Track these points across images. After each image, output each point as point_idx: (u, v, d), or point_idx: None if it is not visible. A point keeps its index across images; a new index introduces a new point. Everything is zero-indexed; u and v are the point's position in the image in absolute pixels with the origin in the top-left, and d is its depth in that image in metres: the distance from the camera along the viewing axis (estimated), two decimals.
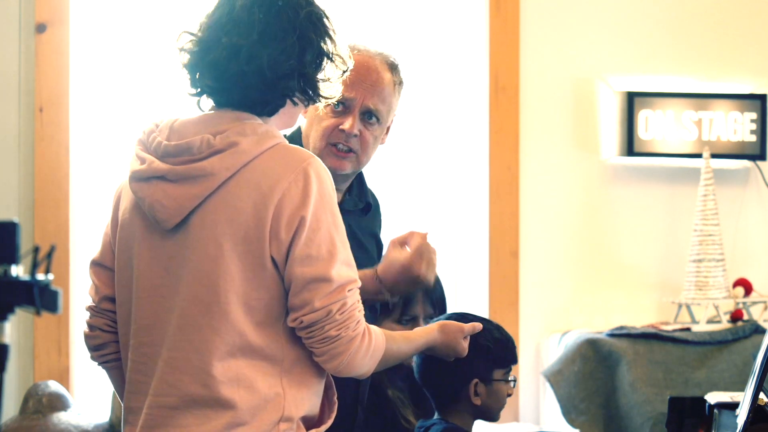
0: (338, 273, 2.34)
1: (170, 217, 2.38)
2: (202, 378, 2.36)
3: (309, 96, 2.45)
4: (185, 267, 2.37)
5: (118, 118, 4.42)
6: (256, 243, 2.33)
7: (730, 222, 4.70)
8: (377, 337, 2.43)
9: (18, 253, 1.86)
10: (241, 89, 2.40)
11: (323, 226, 2.34)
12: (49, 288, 1.86)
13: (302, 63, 2.41)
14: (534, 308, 4.60)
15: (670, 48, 4.71)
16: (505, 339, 3.20)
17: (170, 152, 2.38)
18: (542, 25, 4.62)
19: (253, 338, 2.36)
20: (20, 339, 4.22)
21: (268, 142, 2.37)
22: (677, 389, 4.20)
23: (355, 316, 2.37)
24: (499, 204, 4.57)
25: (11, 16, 4.28)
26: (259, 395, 2.36)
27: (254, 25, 2.39)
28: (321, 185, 2.35)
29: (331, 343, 2.35)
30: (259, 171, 2.35)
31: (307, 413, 2.43)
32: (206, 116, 2.43)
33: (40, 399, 3.85)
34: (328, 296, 2.34)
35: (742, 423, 2.74)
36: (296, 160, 2.36)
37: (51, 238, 4.21)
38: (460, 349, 2.80)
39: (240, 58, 2.38)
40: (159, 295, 2.41)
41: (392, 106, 2.99)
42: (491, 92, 4.56)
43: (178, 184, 2.37)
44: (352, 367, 2.39)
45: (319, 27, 2.44)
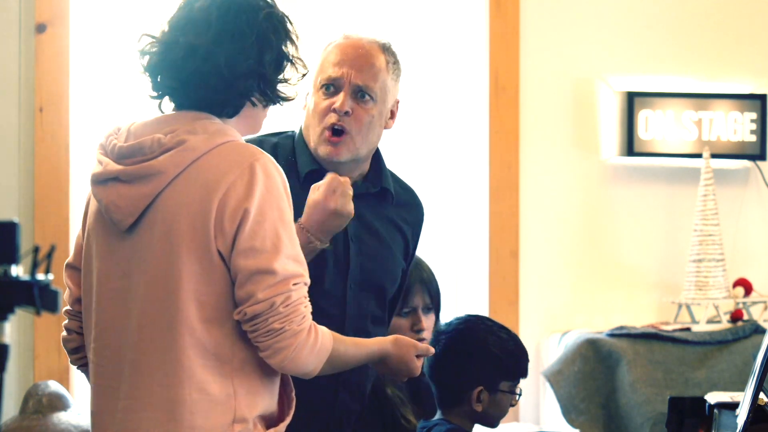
0: (283, 266, 2.33)
1: (124, 218, 2.39)
2: (159, 379, 2.36)
3: (268, 97, 2.46)
4: (141, 267, 2.39)
5: (118, 118, 4.41)
6: (203, 238, 2.34)
7: (730, 222, 4.70)
8: (324, 335, 2.40)
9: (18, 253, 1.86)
10: (198, 89, 2.42)
11: (268, 219, 2.33)
12: (49, 288, 1.86)
13: (261, 63, 2.42)
14: (534, 308, 4.60)
15: (670, 48, 4.71)
16: (519, 352, 3.20)
17: (124, 153, 2.41)
18: (542, 25, 4.62)
19: (204, 336, 2.35)
20: (20, 339, 4.22)
21: (219, 139, 2.38)
22: (677, 389, 4.20)
23: (300, 310, 2.34)
24: (499, 204, 4.57)
25: (11, 16, 4.27)
26: (210, 397, 2.35)
27: (211, 25, 2.41)
28: (268, 180, 2.35)
29: (275, 337, 2.33)
30: (207, 167, 2.36)
31: (262, 412, 2.42)
32: (162, 117, 2.46)
33: (40, 399, 3.85)
34: (272, 288, 2.32)
35: (742, 423, 2.74)
36: (244, 156, 2.37)
37: (51, 238, 4.20)
38: (413, 367, 2.70)
39: (197, 58, 2.40)
40: (119, 298, 2.42)
41: (387, 85, 2.95)
42: (491, 92, 4.56)
43: (130, 185, 2.39)
44: (297, 364, 2.36)
45: (279, 29, 2.45)
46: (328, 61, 2.95)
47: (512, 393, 3.17)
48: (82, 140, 4.36)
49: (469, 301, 4.59)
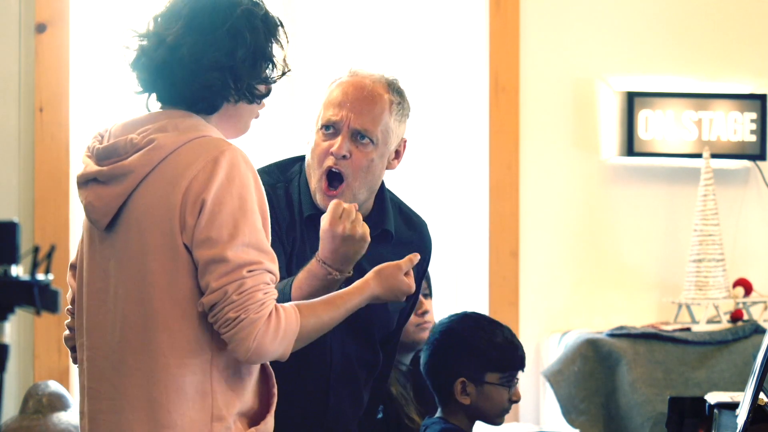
0: (236, 254, 2.30)
1: (100, 218, 2.41)
2: (138, 379, 2.37)
3: (242, 94, 2.44)
4: (119, 267, 2.40)
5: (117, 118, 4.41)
6: (171, 233, 2.34)
7: (730, 222, 4.70)
8: (288, 316, 2.36)
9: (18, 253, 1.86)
10: (167, 81, 2.43)
11: (225, 209, 2.31)
12: (49, 288, 1.86)
13: (232, 58, 2.40)
14: (534, 308, 4.60)
15: (670, 48, 4.71)
16: (507, 344, 3.18)
17: (101, 155, 2.43)
18: (542, 25, 4.62)
19: (180, 334, 2.35)
20: (20, 339, 4.22)
21: (188, 135, 2.38)
22: (677, 389, 4.19)
23: (256, 297, 2.31)
24: (499, 204, 4.57)
25: (11, 16, 4.27)
26: (187, 395, 2.35)
27: (181, 16, 2.42)
28: (231, 170, 2.33)
29: (233, 326, 2.30)
30: (174, 163, 2.36)
31: (242, 410, 2.41)
32: (139, 117, 2.47)
33: (40, 399, 3.85)
34: (225, 277, 2.30)
35: (742, 423, 2.74)
36: (210, 149, 2.36)
37: (51, 238, 4.21)
38: (405, 287, 2.65)
39: (164, 48, 2.41)
40: (100, 299, 2.43)
41: (390, 127, 2.89)
42: (491, 92, 4.56)
43: (106, 185, 2.40)
44: (262, 353, 2.33)
45: (258, 26, 2.44)
46: (330, 100, 2.90)
47: (504, 386, 3.15)
48: (82, 140, 4.35)
49: (469, 301, 4.59)
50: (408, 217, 3.09)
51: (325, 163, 2.87)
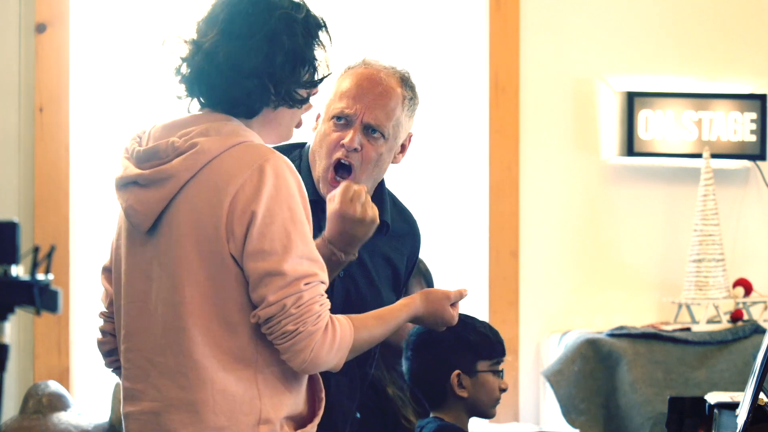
0: (293, 267, 2.30)
1: (142, 222, 2.39)
2: (181, 381, 2.36)
3: (283, 99, 2.43)
4: (159, 270, 2.39)
5: (118, 118, 4.42)
6: (216, 242, 2.33)
7: (730, 222, 4.70)
8: (343, 329, 2.38)
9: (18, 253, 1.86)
10: (205, 87, 2.41)
11: (277, 220, 2.31)
12: (49, 288, 1.86)
13: (270, 64, 2.39)
14: (534, 308, 4.60)
15: (670, 48, 4.71)
16: (487, 330, 3.21)
17: (142, 157, 2.40)
18: (542, 25, 4.62)
19: (224, 340, 2.35)
20: (20, 339, 4.22)
21: (231, 140, 2.36)
22: (677, 389, 4.20)
23: (313, 310, 2.32)
24: (499, 204, 4.57)
25: (11, 16, 4.27)
26: (234, 398, 2.35)
27: (217, 23, 2.40)
28: (278, 180, 2.32)
29: (291, 339, 2.31)
30: (217, 170, 2.34)
31: (289, 413, 2.41)
32: (179, 120, 2.44)
33: (40, 399, 3.85)
34: (282, 290, 2.30)
35: (742, 423, 2.74)
36: (254, 157, 2.34)
37: (51, 238, 4.20)
38: (448, 317, 2.69)
39: (200, 55, 2.39)
40: (141, 301, 2.42)
41: (401, 123, 2.90)
42: (491, 92, 4.56)
43: (147, 189, 2.38)
44: (318, 363, 2.35)
45: (297, 30, 2.41)
46: (343, 91, 2.89)
47: (494, 373, 3.16)
48: (82, 140, 4.36)
49: (469, 301, 4.59)
50: (401, 210, 3.11)
51: (335, 155, 2.86)
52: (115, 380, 3.74)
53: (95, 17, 4.38)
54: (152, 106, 4.42)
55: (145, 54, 4.42)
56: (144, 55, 4.42)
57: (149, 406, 2.40)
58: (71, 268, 4.24)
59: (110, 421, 3.86)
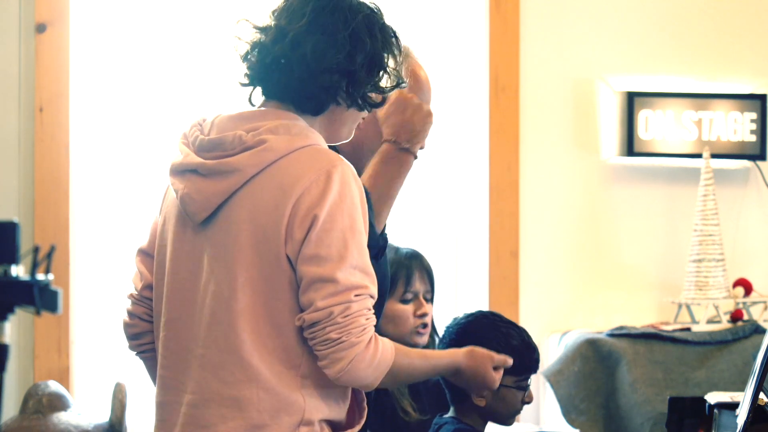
0: (345, 276, 2.30)
1: (198, 211, 2.37)
2: (224, 376, 2.35)
3: (354, 98, 2.42)
4: (210, 262, 2.37)
5: (118, 118, 4.42)
6: (275, 242, 2.32)
7: (730, 222, 4.70)
8: (385, 348, 2.36)
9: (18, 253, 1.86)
10: (283, 76, 2.39)
11: (336, 227, 2.30)
12: (49, 288, 1.86)
13: (351, 62, 2.39)
14: (534, 308, 4.60)
15: (670, 48, 4.71)
16: (524, 347, 3.17)
17: (205, 147, 2.38)
18: (542, 25, 4.62)
19: (270, 340, 2.34)
20: (20, 339, 4.22)
21: (300, 142, 2.35)
22: (677, 389, 4.20)
23: (359, 322, 2.31)
24: (499, 204, 4.57)
25: (11, 16, 4.27)
26: (279, 397, 2.34)
27: (305, 14, 2.39)
28: (344, 188, 2.32)
29: (332, 347, 2.30)
30: (285, 170, 2.33)
31: (330, 418, 2.40)
32: (247, 112, 2.42)
33: (40, 399, 3.85)
34: (332, 297, 2.29)
35: (742, 423, 2.74)
36: (323, 161, 2.34)
37: (51, 238, 4.20)
38: (489, 379, 2.67)
39: (285, 42, 2.38)
40: (186, 290, 2.41)
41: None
42: (491, 92, 4.56)
43: (208, 179, 2.36)
44: (354, 376, 2.33)
45: (377, 35, 2.44)
46: None
47: (518, 388, 3.15)
48: (82, 140, 4.36)
49: (469, 301, 4.59)
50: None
51: None
52: (115, 380, 3.74)
53: (95, 17, 4.38)
54: (152, 106, 4.42)
55: (146, 53, 4.42)
56: (144, 54, 4.42)
57: (187, 398, 2.39)
58: (71, 268, 4.23)
59: (110, 421, 3.86)
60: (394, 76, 2.47)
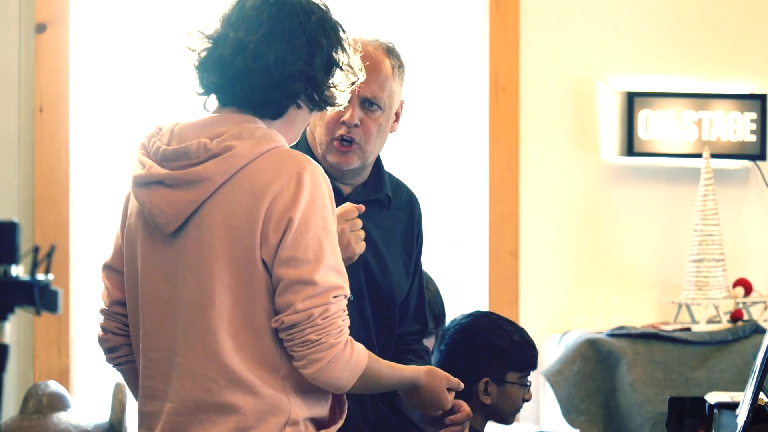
0: (323, 278, 2.32)
1: (169, 222, 2.37)
2: (205, 384, 2.36)
3: (315, 101, 2.44)
4: (185, 272, 2.37)
5: (118, 118, 4.42)
6: (250, 247, 2.33)
7: (730, 222, 4.70)
8: (360, 351, 2.39)
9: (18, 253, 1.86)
10: (245, 87, 2.39)
11: (312, 229, 2.32)
12: (49, 288, 1.86)
13: (311, 66, 2.40)
14: (534, 308, 4.60)
15: (670, 48, 4.71)
16: (525, 343, 3.19)
17: (168, 157, 2.38)
18: (542, 25, 4.62)
19: (250, 343, 2.35)
20: (20, 339, 4.22)
21: (265, 145, 2.36)
22: (677, 389, 4.20)
23: (337, 323, 2.33)
24: (499, 204, 4.57)
25: (11, 16, 4.27)
26: (264, 400, 2.35)
27: (262, 23, 2.39)
28: (314, 189, 2.33)
29: (311, 348, 2.32)
30: (254, 175, 2.34)
31: (314, 416, 2.42)
32: (206, 119, 2.42)
33: (40, 399, 3.85)
34: (311, 299, 2.31)
35: (742, 423, 2.74)
36: (291, 164, 2.35)
37: (51, 238, 4.20)
38: (444, 399, 2.69)
39: (246, 54, 2.37)
40: (162, 300, 2.41)
41: (394, 92, 2.94)
42: (491, 92, 4.56)
43: (175, 189, 2.36)
44: (330, 376, 2.35)
45: (331, 34, 2.44)
46: None
47: (522, 385, 3.16)
48: (82, 140, 4.36)
49: (469, 301, 4.59)
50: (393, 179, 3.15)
51: (337, 132, 2.90)
52: (115, 380, 3.74)
53: (95, 17, 4.38)
54: (152, 105, 4.42)
55: (146, 54, 4.42)
56: (144, 54, 4.42)
57: (170, 407, 2.40)
58: (71, 268, 4.23)
59: (110, 421, 3.86)
60: (348, 71, 2.48)
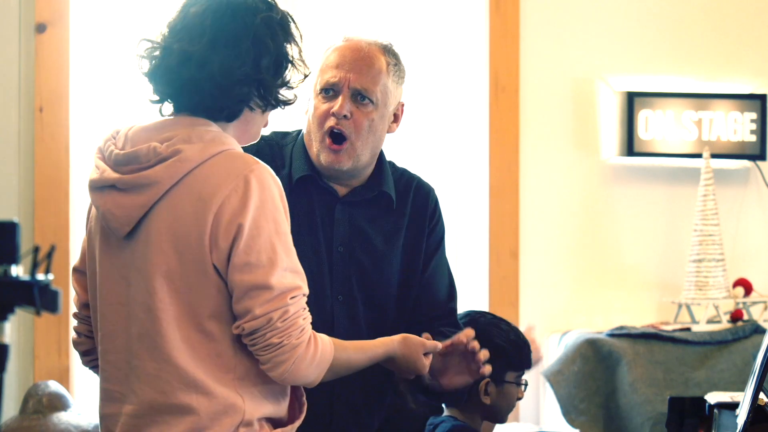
0: (279, 280, 2.31)
1: (121, 226, 2.38)
2: (160, 385, 2.36)
3: (267, 102, 2.43)
4: (137, 275, 2.38)
5: (118, 118, 4.41)
6: (198, 251, 2.32)
7: (730, 222, 4.70)
8: (324, 345, 2.40)
9: (18, 253, 1.86)
10: (194, 95, 2.40)
11: (263, 233, 2.31)
12: (49, 288, 1.86)
13: (258, 69, 2.39)
14: (534, 308, 4.60)
15: (670, 48, 4.71)
16: (522, 342, 3.20)
17: (120, 161, 2.39)
18: (542, 25, 4.62)
19: (201, 346, 2.35)
20: (20, 339, 4.22)
21: (214, 148, 2.35)
22: (677, 389, 4.20)
23: (298, 323, 2.33)
24: (499, 204, 4.57)
25: (11, 16, 4.27)
26: (218, 401, 2.35)
27: (205, 31, 2.38)
28: (263, 192, 2.32)
29: (274, 351, 2.32)
30: (202, 179, 2.33)
31: (270, 415, 2.42)
32: (159, 123, 2.43)
33: (40, 399, 3.85)
34: (269, 303, 2.31)
35: (742, 423, 2.74)
36: (239, 167, 2.34)
37: (51, 238, 4.20)
38: (420, 365, 2.69)
39: (191, 65, 2.37)
40: (118, 303, 2.42)
41: (388, 88, 2.89)
42: (491, 92, 4.56)
43: (126, 193, 2.37)
44: (297, 376, 2.36)
45: (277, 31, 2.42)
46: (327, 64, 2.91)
47: (518, 384, 3.17)
48: (82, 140, 4.36)
49: (469, 301, 4.59)
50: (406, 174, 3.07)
51: (327, 124, 2.87)
52: None
53: (95, 17, 4.38)
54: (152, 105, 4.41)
55: None
56: None
57: (129, 409, 2.40)
58: (71, 268, 4.23)
59: None
60: (300, 66, 2.47)
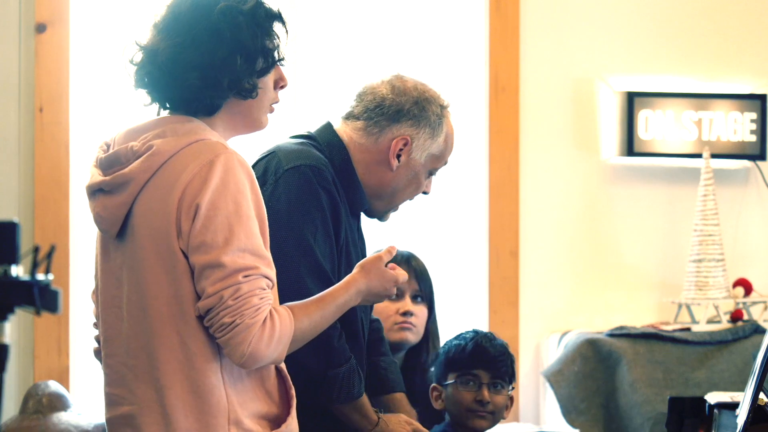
0: (232, 259, 2.30)
1: (109, 228, 2.41)
2: (153, 384, 2.37)
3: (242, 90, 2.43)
4: (128, 274, 2.40)
5: (118, 118, 4.41)
6: (168, 239, 2.34)
7: (730, 222, 4.70)
8: (282, 320, 2.36)
9: (18, 253, 1.86)
10: (160, 90, 2.44)
11: (220, 213, 2.31)
12: (49, 288, 1.86)
13: (211, 56, 2.39)
14: (534, 308, 4.60)
15: (670, 48, 4.71)
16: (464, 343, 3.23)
17: (104, 164, 2.44)
18: (542, 25, 4.62)
19: (188, 337, 2.36)
20: (20, 339, 4.22)
21: (186, 139, 2.37)
22: (677, 389, 4.20)
23: (252, 302, 2.31)
24: (499, 204, 4.57)
25: (11, 16, 4.27)
26: (204, 398, 2.36)
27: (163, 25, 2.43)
28: (227, 174, 2.32)
29: (228, 332, 2.30)
30: (171, 169, 2.36)
31: (260, 411, 2.42)
32: (141, 124, 2.46)
33: (40, 399, 3.85)
34: (221, 282, 2.30)
35: (742, 423, 2.74)
36: (206, 153, 2.35)
37: (51, 238, 4.20)
38: (390, 276, 2.64)
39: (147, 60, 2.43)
40: (115, 306, 2.44)
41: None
42: (491, 92, 4.56)
43: (110, 195, 2.41)
44: (257, 357, 2.33)
45: (239, 21, 2.41)
46: (448, 150, 3.33)
47: (461, 384, 3.17)
48: (82, 140, 4.36)
49: (469, 301, 4.59)
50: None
51: None
52: None
53: (95, 17, 4.38)
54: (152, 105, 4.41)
55: None
56: None
57: (127, 410, 2.42)
58: (71, 268, 4.23)
59: None
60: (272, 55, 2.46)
